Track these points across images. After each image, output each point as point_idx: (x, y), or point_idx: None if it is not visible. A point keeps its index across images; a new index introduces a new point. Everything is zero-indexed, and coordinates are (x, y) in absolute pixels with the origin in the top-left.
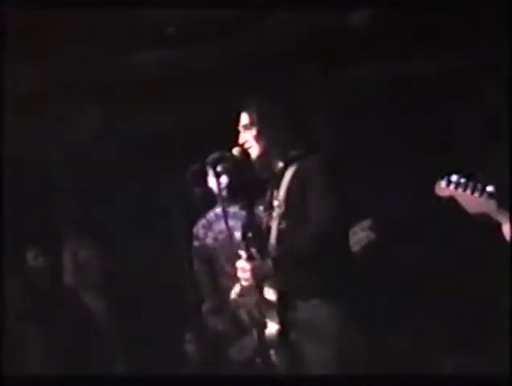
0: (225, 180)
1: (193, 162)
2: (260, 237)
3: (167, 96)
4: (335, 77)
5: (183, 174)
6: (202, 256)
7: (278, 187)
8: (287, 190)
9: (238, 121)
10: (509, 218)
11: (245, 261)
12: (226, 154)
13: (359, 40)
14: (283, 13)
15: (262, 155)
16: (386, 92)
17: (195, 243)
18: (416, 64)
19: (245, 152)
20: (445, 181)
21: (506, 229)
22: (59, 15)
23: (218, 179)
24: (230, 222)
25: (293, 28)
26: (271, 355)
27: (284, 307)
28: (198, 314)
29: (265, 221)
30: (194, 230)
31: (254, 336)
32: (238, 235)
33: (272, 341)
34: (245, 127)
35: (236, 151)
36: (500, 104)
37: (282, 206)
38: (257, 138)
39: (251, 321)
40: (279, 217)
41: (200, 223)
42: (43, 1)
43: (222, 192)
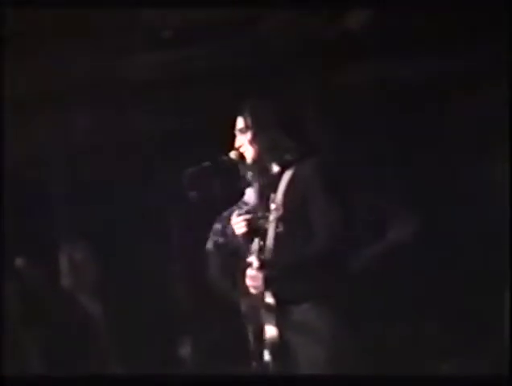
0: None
1: (190, 164)
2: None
3: (165, 98)
4: (332, 79)
5: (180, 176)
6: (228, 252)
7: (274, 191)
8: (285, 193)
9: (235, 125)
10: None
11: (256, 271)
12: (223, 158)
13: (358, 41)
14: (281, 14)
15: (257, 159)
16: (386, 94)
17: (219, 239)
18: (415, 66)
19: (242, 155)
20: None
21: None
22: (58, 15)
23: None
24: None
25: (289, 30)
26: (270, 358)
27: (281, 310)
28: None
29: (261, 224)
30: (218, 226)
31: (250, 340)
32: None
33: (274, 344)
34: (240, 131)
35: (233, 154)
36: (500, 105)
37: (279, 209)
38: (251, 142)
39: (249, 325)
40: (277, 221)
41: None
42: (43, 1)
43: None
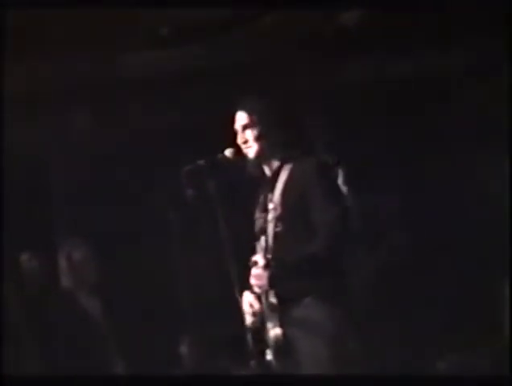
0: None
1: (188, 163)
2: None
3: (164, 97)
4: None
5: (178, 174)
6: None
7: (272, 190)
8: (283, 192)
9: (234, 121)
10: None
11: (262, 269)
12: (220, 156)
13: (358, 40)
14: (281, 13)
15: (260, 155)
16: (386, 93)
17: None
18: (415, 64)
19: (239, 153)
20: None
21: None
22: (58, 15)
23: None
24: None
25: (291, 28)
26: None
27: (283, 309)
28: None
29: (260, 223)
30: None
31: (249, 340)
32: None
33: (277, 343)
34: (244, 127)
35: (229, 152)
36: (500, 104)
37: (277, 209)
38: (257, 138)
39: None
40: (275, 220)
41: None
42: (43, 1)
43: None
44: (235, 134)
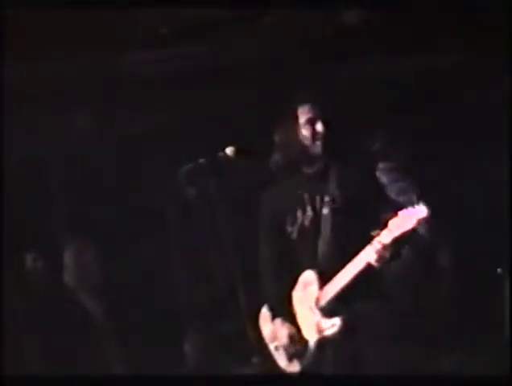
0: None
1: (189, 162)
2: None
3: (163, 96)
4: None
5: (179, 173)
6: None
7: (325, 182)
8: (341, 185)
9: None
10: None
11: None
12: (220, 154)
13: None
14: (281, 13)
15: (326, 151)
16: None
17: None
18: (416, 63)
19: (239, 152)
20: None
21: None
22: (58, 15)
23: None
24: None
25: (291, 28)
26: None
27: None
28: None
29: (309, 218)
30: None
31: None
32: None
33: (335, 342)
34: (312, 120)
35: (230, 151)
36: (500, 104)
37: (336, 201)
38: (324, 133)
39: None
40: (332, 212)
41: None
42: (43, 1)
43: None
44: (295, 130)
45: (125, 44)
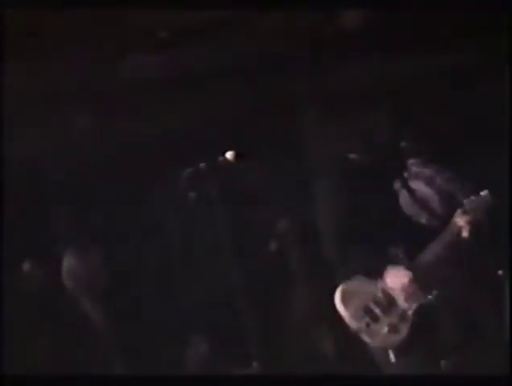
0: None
1: (189, 165)
2: None
3: (164, 99)
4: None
5: (179, 177)
6: None
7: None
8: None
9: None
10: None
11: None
12: (220, 159)
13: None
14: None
15: None
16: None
17: None
18: (415, 64)
19: (239, 156)
20: None
21: None
22: (58, 17)
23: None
24: None
25: (291, 28)
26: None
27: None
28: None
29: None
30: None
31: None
32: None
33: (400, 344)
34: None
35: (230, 155)
36: (500, 103)
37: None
38: None
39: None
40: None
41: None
42: (43, 1)
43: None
44: None
45: (124, 46)
